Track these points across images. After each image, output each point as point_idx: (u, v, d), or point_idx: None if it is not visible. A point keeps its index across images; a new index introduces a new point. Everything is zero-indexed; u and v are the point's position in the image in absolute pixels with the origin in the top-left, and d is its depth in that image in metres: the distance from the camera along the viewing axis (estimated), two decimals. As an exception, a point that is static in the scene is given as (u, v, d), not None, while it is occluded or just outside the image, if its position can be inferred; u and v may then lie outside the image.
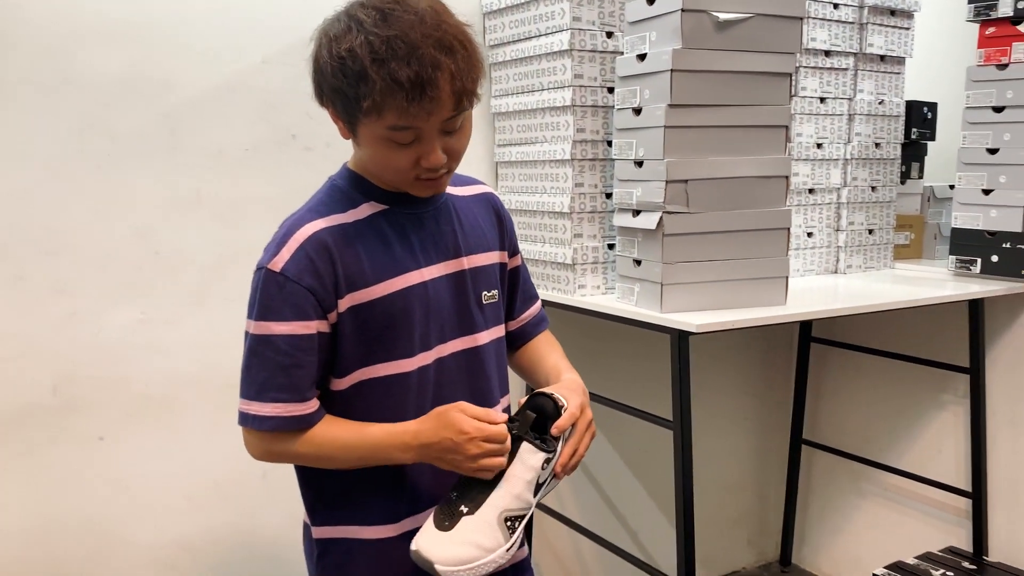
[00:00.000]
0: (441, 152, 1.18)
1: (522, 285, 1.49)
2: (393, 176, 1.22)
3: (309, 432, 1.23)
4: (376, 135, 1.16)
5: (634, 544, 2.79)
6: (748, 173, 1.95)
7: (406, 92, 1.09)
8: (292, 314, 1.18)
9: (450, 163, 1.22)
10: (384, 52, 1.09)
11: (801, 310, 2.03)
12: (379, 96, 1.10)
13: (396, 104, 1.10)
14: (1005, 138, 2.33)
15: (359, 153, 1.26)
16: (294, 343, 1.19)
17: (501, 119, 2.34)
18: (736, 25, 1.88)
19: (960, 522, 2.59)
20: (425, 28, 1.11)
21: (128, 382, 2.01)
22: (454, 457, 1.19)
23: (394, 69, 1.09)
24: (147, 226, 1.99)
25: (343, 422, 1.25)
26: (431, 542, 1.18)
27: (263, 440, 1.24)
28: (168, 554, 2.09)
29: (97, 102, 1.91)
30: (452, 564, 1.16)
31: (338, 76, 1.12)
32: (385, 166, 1.20)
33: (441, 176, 1.22)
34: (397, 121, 1.13)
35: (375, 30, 1.10)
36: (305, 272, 1.18)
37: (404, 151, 1.17)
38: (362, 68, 1.10)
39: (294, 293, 1.18)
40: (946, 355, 2.54)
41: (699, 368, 2.73)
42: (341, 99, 1.15)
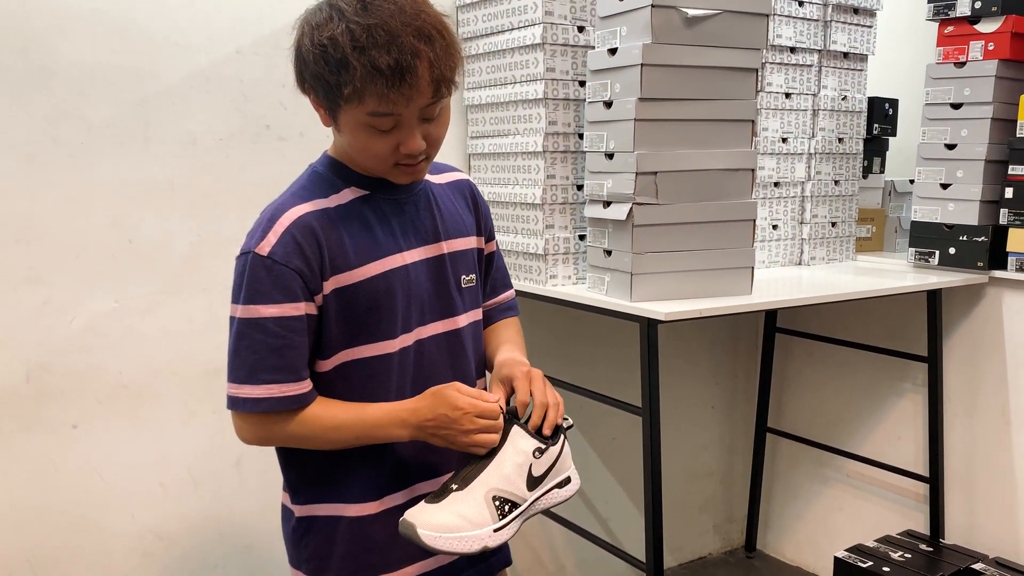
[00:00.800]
0: (420, 139, 1.21)
1: (495, 272, 1.53)
2: (373, 162, 1.25)
3: (304, 413, 1.25)
4: (357, 121, 1.19)
5: (604, 530, 2.84)
6: (715, 166, 2.00)
7: (386, 79, 1.12)
8: (282, 296, 1.21)
9: (429, 150, 1.25)
10: (365, 40, 1.12)
11: (766, 300, 2.09)
12: (359, 83, 1.13)
13: (376, 91, 1.13)
14: (963, 134, 2.41)
15: (340, 140, 1.29)
16: (285, 324, 1.21)
17: (474, 111, 2.37)
18: (704, 21, 1.92)
19: (918, 506, 2.68)
20: (405, 17, 1.14)
21: (102, 371, 2.01)
22: (448, 432, 1.23)
23: (374, 57, 1.12)
24: (121, 215, 1.99)
25: (337, 403, 1.27)
26: (417, 511, 1.20)
27: (257, 423, 1.25)
28: (142, 542, 2.10)
29: (71, 91, 1.91)
30: (434, 529, 1.18)
31: (319, 63, 1.15)
32: (365, 152, 1.23)
33: (420, 163, 1.26)
34: (377, 107, 1.16)
35: (356, 19, 1.13)
36: (293, 255, 1.21)
37: (384, 137, 1.20)
38: (343, 56, 1.13)
39: (282, 275, 1.20)
40: (905, 345, 2.62)
41: (668, 357, 2.79)
42: (322, 86, 1.17)
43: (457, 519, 1.19)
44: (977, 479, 2.52)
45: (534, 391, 1.29)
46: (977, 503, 2.52)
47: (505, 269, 1.57)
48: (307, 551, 1.35)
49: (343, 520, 1.32)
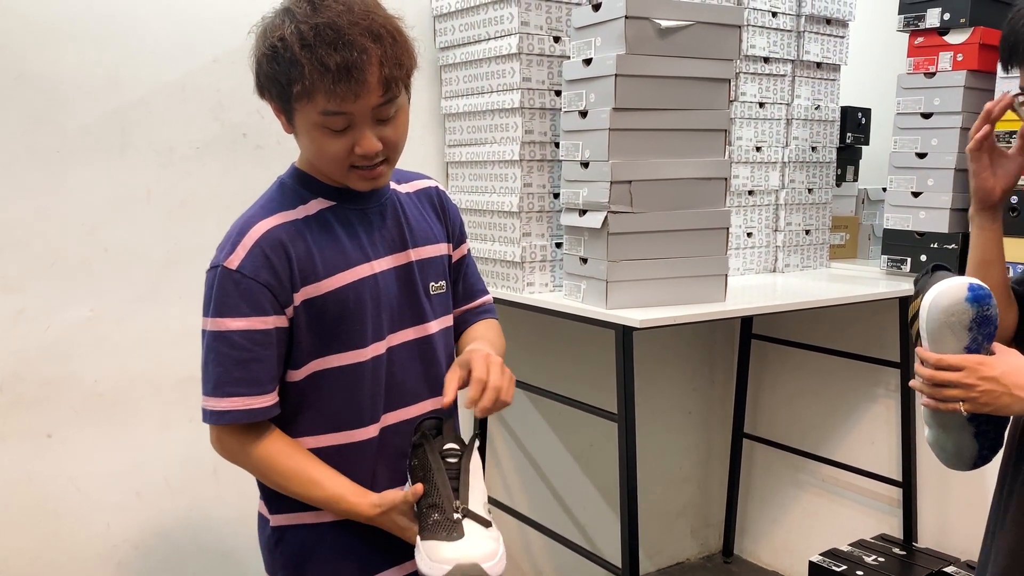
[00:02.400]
0: (374, 140, 1.21)
1: (467, 277, 1.52)
2: (330, 166, 1.25)
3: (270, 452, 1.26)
4: (310, 122, 1.20)
5: (581, 536, 2.85)
6: (689, 175, 2.02)
7: (333, 76, 1.14)
8: (249, 309, 1.21)
9: (387, 153, 1.25)
10: (312, 38, 1.14)
11: (740, 307, 2.12)
12: (308, 80, 1.15)
13: (324, 88, 1.15)
14: (933, 143, 2.45)
15: (302, 147, 1.29)
16: (251, 338, 1.22)
17: (451, 120, 2.38)
18: (677, 32, 1.95)
19: (892, 510, 2.71)
20: (353, 16, 1.16)
21: (77, 380, 2.00)
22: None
23: (322, 55, 1.14)
24: (97, 224, 1.99)
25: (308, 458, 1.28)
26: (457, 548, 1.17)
27: (224, 438, 1.27)
28: (118, 551, 2.09)
29: (46, 100, 1.91)
30: (490, 558, 1.17)
31: (271, 64, 1.18)
32: (321, 155, 1.24)
33: (378, 167, 1.25)
34: (327, 105, 1.17)
35: (305, 19, 1.16)
36: (261, 268, 1.22)
37: (338, 139, 1.21)
38: (292, 54, 1.15)
39: (250, 290, 1.21)
40: (878, 351, 2.65)
41: (644, 364, 2.81)
42: (275, 87, 1.19)
43: (492, 542, 1.19)
44: (949, 484, 2.55)
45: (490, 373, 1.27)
46: (949, 507, 2.56)
47: (478, 275, 1.56)
48: (282, 559, 1.35)
49: (318, 528, 1.33)
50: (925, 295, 1.34)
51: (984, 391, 1.24)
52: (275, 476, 1.27)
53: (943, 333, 1.31)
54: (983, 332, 1.31)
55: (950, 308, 1.31)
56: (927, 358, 1.30)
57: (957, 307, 1.31)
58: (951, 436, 1.34)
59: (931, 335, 1.32)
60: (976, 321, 1.31)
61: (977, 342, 1.30)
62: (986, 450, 1.35)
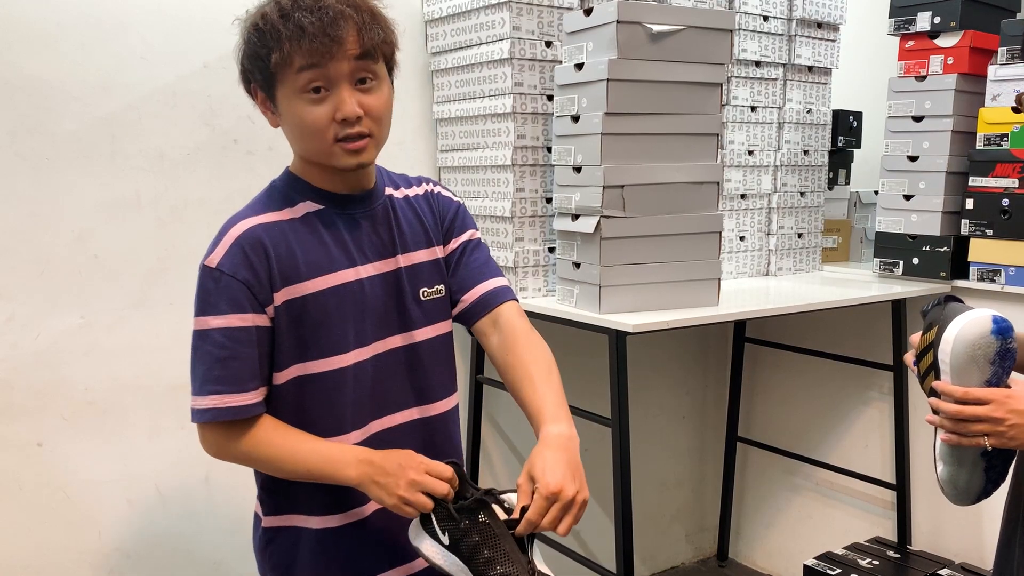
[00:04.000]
0: (355, 103, 1.21)
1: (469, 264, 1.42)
2: (314, 141, 1.23)
3: (258, 436, 1.25)
4: (292, 91, 1.20)
5: (576, 541, 2.84)
6: (682, 179, 2.02)
7: (310, 36, 1.16)
8: (228, 307, 1.22)
9: (370, 126, 1.23)
10: (290, 7, 1.18)
11: (733, 310, 2.12)
12: (286, 43, 1.17)
13: (301, 48, 1.17)
14: (924, 146, 2.45)
15: (289, 139, 1.29)
16: (230, 335, 1.22)
17: (444, 125, 2.38)
18: (669, 37, 1.95)
19: (886, 513, 2.71)
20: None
21: (67, 387, 1.99)
22: (389, 480, 1.19)
23: (299, 18, 1.17)
24: (86, 230, 1.98)
25: (293, 431, 1.27)
26: None
27: (210, 435, 1.26)
28: (109, 560, 2.08)
29: (35, 105, 1.90)
30: None
31: (252, 41, 1.20)
32: (303, 127, 1.22)
33: (362, 140, 1.23)
34: (306, 62, 1.18)
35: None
36: (240, 266, 1.22)
37: (319, 105, 1.20)
38: (271, 25, 1.18)
39: (229, 287, 1.22)
40: (871, 354, 2.65)
41: (638, 368, 2.81)
42: (257, 65, 1.21)
43: None
44: (942, 486, 2.55)
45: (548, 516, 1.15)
46: (943, 510, 2.56)
47: (491, 262, 1.44)
48: (271, 560, 1.35)
49: (306, 532, 1.32)
50: (947, 328, 1.31)
51: (1013, 424, 1.23)
52: (265, 457, 1.26)
53: (968, 367, 1.29)
54: (1004, 365, 1.30)
55: (976, 342, 1.29)
56: (951, 392, 1.27)
57: (983, 340, 1.29)
58: (964, 471, 1.32)
59: (955, 369, 1.29)
60: (999, 354, 1.30)
61: (998, 375, 1.29)
62: (991, 484, 1.34)
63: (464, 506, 1.20)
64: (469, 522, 1.18)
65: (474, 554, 1.17)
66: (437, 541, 1.21)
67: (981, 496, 1.35)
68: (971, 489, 1.34)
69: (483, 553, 1.16)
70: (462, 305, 1.41)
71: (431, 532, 1.22)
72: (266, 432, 1.26)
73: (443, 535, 1.20)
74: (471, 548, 1.18)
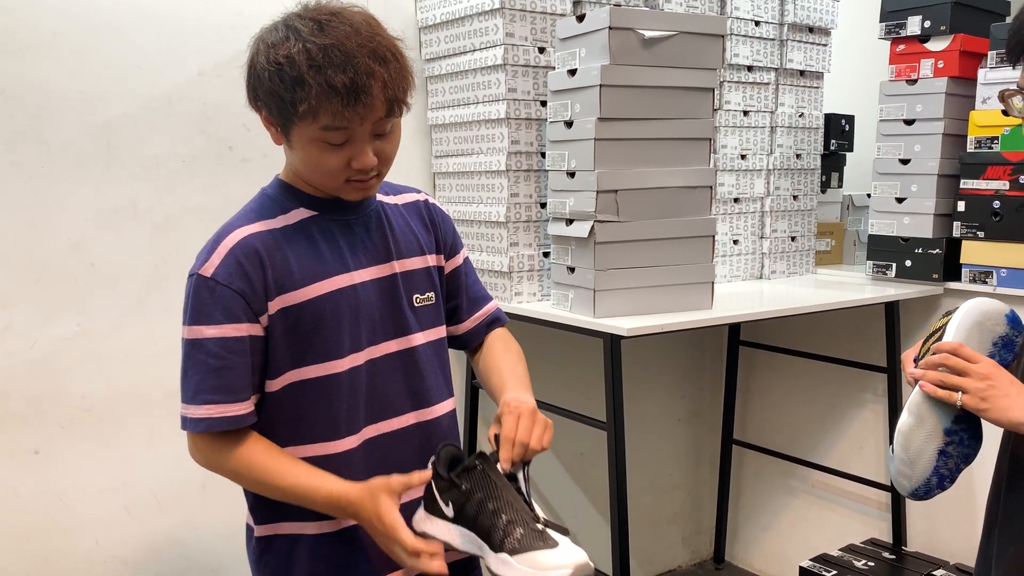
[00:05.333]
0: (372, 155, 1.23)
1: (467, 288, 1.51)
2: (325, 179, 1.26)
3: (247, 455, 1.25)
4: (310, 137, 1.21)
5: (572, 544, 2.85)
6: (675, 183, 2.04)
7: (341, 97, 1.15)
8: (223, 317, 1.22)
9: (380, 167, 1.26)
10: (321, 59, 1.15)
11: (727, 314, 2.13)
12: (315, 100, 1.16)
13: (331, 108, 1.16)
14: (916, 149, 2.47)
15: (291, 159, 1.30)
16: (225, 345, 1.22)
17: (438, 131, 2.39)
18: (661, 42, 1.96)
19: (881, 515, 2.72)
20: (360, 39, 1.17)
21: (64, 395, 1.99)
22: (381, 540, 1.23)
23: (330, 75, 1.15)
24: (83, 238, 1.99)
25: (284, 457, 1.27)
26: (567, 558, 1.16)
27: (201, 445, 1.27)
28: (107, 567, 2.08)
29: (31, 115, 1.90)
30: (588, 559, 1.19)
31: (275, 80, 1.18)
32: (317, 168, 1.24)
33: (371, 179, 1.27)
34: (332, 122, 1.18)
35: (312, 39, 1.16)
36: (235, 276, 1.22)
37: (336, 152, 1.22)
38: (299, 74, 1.15)
39: (224, 296, 1.22)
40: (865, 356, 2.67)
41: (634, 371, 2.82)
42: (276, 103, 1.19)
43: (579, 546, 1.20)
44: (937, 487, 2.56)
45: (518, 428, 1.26)
46: (937, 511, 2.57)
47: (479, 283, 1.55)
48: (267, 569, 1.35)
49: (302, 538, 1.33)
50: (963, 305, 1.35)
51: (991, 387, 1.23)
52: (253, 477, 1.27)
53: (971, 332, 1.31)
54: (1003, 356, 1.31)
55: (988, 312, 1.31)
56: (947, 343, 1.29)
57: (994, 316, 1.31)
58: (921, 434, 1.31)
59: (959, 329, 1.31)
60: (1004, 340, 1.31)
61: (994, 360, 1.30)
62: (936, 478, 1.31)
63: (464, 468, 1.23)
64: (470, 482, 1.22)
65: (480, 511, 1.20)
66: (442, 517, 1.24)
67: (920, 488, 1.32)
68: (916, 463, 1.31)
69: (487, 507, 1.20)
70: (462, 329, 1.51)
71: (435, 511, 1.24)
72: (256, 454, 1.26)
73: (447, 507, 1.23)
74: (476, 506, 1.21)
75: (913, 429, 1.32)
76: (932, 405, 1.30)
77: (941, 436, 1.31)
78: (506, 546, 1.18)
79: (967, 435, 1.32)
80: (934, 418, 1.31)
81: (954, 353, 1.28)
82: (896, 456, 1.34)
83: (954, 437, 1.30)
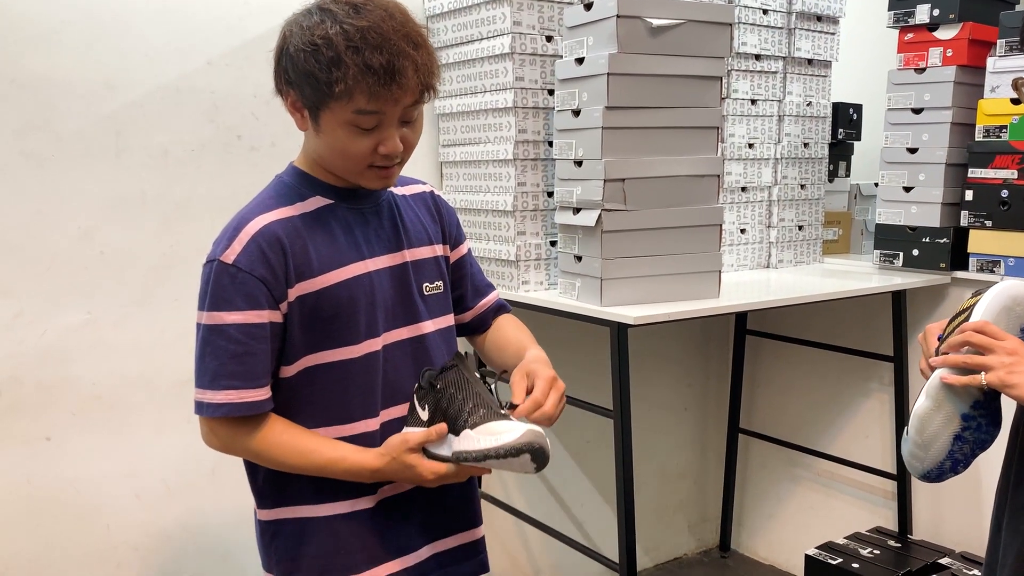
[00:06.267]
0: (399, 140, 1.25)
1: (471, 278, 1.55)
2: (349, 163, 1.27)
3: (269, 434, 1.27)
4: (341, 120, 1.22)
5: (579, 532, 2.87)
6: (682, 172, 2.04)
7: (378, 78, 1.17)
8: (245, 303, 1.23)
9: (404, 154, 1.29)
10: (359, 40, 1.17)
11: (734, 302, 2.13)
12: (351, 80, 1.17)
13: (367, 89, 1.18)
14: (924, 138, 2.46)
15: (314, 145, 1.30)
16: (247, 331, 1.23)
17: (445, 120, 2.39)
18: (669, 31, 1.96)
19: (887, 503, 2.73)
20: (395, 23, 1.20)
21: (75, 383, 2.01)
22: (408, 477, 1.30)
23: (368, 56, 1.17)
24: (92, 227, 2.00)
25: (304, 433, 1.29)
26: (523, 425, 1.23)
27: (219, 430, 1.28)
28: (117, 553, 2.10)
29: (40, 104, 1.91)
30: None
31: (310, 61, 1.19)
32: (344, 152, 1.26)
33: (393, 167, 1.29)
34: (366, 105, 1.20)
35: (349, 20, 1.18)
36: (257, 263, 1.23)
37: (365, 137, 1.23)
38: (336, 54, 1.17)
39: (246, 283, 1.23)
40: (872, 345, 2.67)
41: (640, 360, 2.83)
42: (311, 84, 1.20)
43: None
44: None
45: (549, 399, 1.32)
46: (943, 499, 2.57)
47: (481, 273, 1.59)
48: (277, 554, 1.36)
49: (312, 521, 1.34)
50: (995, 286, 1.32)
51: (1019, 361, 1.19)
52: (273, 456, 1.28)
53: (999, 316, 1.28)
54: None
55: (1018, 297, 1.28)
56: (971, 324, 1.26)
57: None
58: (939, 418, 1.29)
59: (989, 309, 1.29)
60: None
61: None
62: (949, 461, 1.30)
63: (443, 367, 1.33)
64: (445, 381, 1.30)
65: (450, 403, 1.28)
66: (418, 424, 1.30)
67: (933, 471, 1.31)
68: (931, 446, 1.29)
69: (457, 398, 1.28)
70: (468, 317, 1.55)
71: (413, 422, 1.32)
72: (275, 433, 1.27)
73: (423, 411, 1.31)
74: (447, 400, 1.28)
75: (930, 413, 1.30)
76: (951, 389, 1.28)
77: (958, 421, 1.29)
78: (468, 423, 1.25)
79: (985, 421, 1.30)
80: (952, 403, 1.29)
81: (980, 331, 1.25)
82: (910, 438, 1.32)
83: (971, 423, 1.29)
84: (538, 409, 1.30)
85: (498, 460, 1.21)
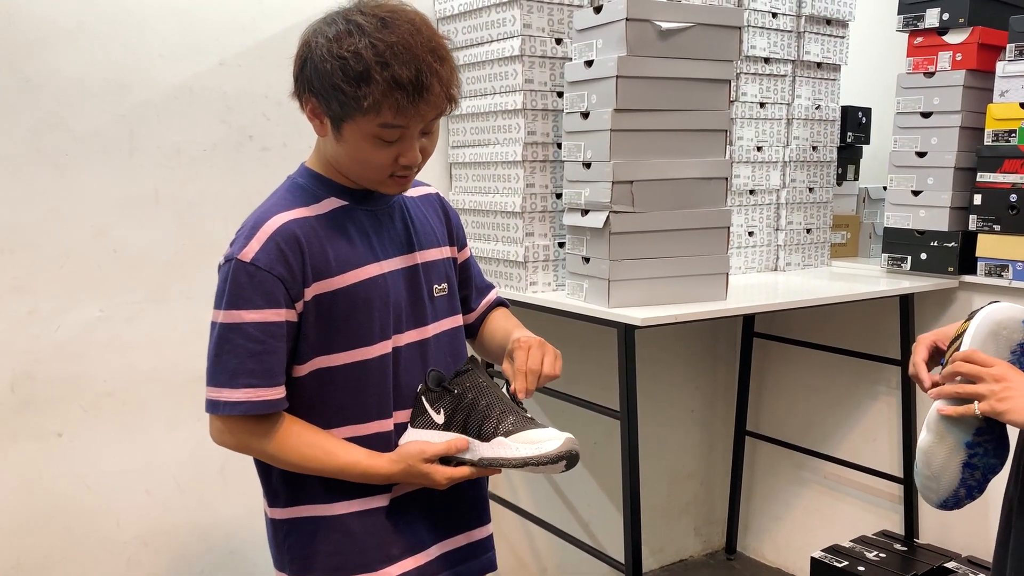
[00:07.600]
0: (418, 151, 1.28)
1: (474, 279, 1.58)
2: (369, 172, 1.29)
3: (284, 436, 1.28)
4: (365, 132, 1.23)
5: (585, 533, 2.87)
6: (690, 175, 2.05)
7: (406, 93, 1.19)
8: (263, 302, 1.24)
9: (421, 162, 1.31)
10: (388, 56, 1.18)
11: (741, 305, 2.14)
12: (380, 95, 1.18)
13: (394, 104, 1.19)
14: (932, 142, 2.46)
15: (331, 150, 1.31)
16: (265, 330, 1.24)
17: (455, 121, 2.41)
18: (678, 34, 1.97)
19: (893, 507, 2.72)
20: (421, 38, 1.21)
21: (87, 379, 2.03)
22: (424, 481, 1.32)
23: (396, 72, 1.18)
24: (106, 225, 2.02)
25: (319, 433, 1.30)
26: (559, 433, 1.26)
27: (235, 428, 1.28)
28: (128, 548, 2.12)
29: (56, 103, 1.93)
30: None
31: (337, 74, 1.19)
32: (365, 162, 1.27)
33: (412, 174, 1.32)
34: (392, 120, 1.21)
35: (378, 35, 1.19)
36: (276, 262, 1.24)
37: (387, 149, 1.25)
38: (366, 68, 1.18)
39: (265, 282, 1.24)
40: (879, 348, 2.67)
41: (648, 362, 2.83)
42: (337, 97, 1.21)
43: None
44: (950, 479, 2.56)
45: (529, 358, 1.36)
46: (950, 503, 2.57)
47: (481, 273, 1.62)
48: (290, 552, 1.37)
49: (326, 520, 1.34)
50: (981, 310, 1.33)
51: (1008, 388, 1.20)
52: (287, 457, 1.29)
53: (987, 343, 1.29)
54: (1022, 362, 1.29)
55: (1004, 321, 1.29)
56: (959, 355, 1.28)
57: (1011, 323, 1.29)
58: (943, 449, 1.29)
59: (975, 338, 1.30)
60: (1023, 347, 1.29)
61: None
62: (964, 489, 1.31)
63: (457, 372, 1.34)
64: (462, 386, 1.32)
65: (472, 408, 1.30)
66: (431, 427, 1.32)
67: (950, 499, 1.31)
68: (942, 478, 1.30)
69: (480, 403, 1.30)
70: (472, 317, 1.58)
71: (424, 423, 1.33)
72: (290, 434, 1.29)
73: (438, 415, 1.32)
74: (468, 405, 1.31)
75: (933, 446, 1.31)
76: (950, 420, 1.29)
77: (963, 451, 1.30)
78: (500, 430, 1.27)
79: (991, 446, 1.30)
80: (954, 434, 1.30)
81: (968, 360, 1.27)
82: (920, 472, 1.33)
83: (977, 449, 1.29)
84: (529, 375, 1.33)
85: (537, 467, 1.24)
